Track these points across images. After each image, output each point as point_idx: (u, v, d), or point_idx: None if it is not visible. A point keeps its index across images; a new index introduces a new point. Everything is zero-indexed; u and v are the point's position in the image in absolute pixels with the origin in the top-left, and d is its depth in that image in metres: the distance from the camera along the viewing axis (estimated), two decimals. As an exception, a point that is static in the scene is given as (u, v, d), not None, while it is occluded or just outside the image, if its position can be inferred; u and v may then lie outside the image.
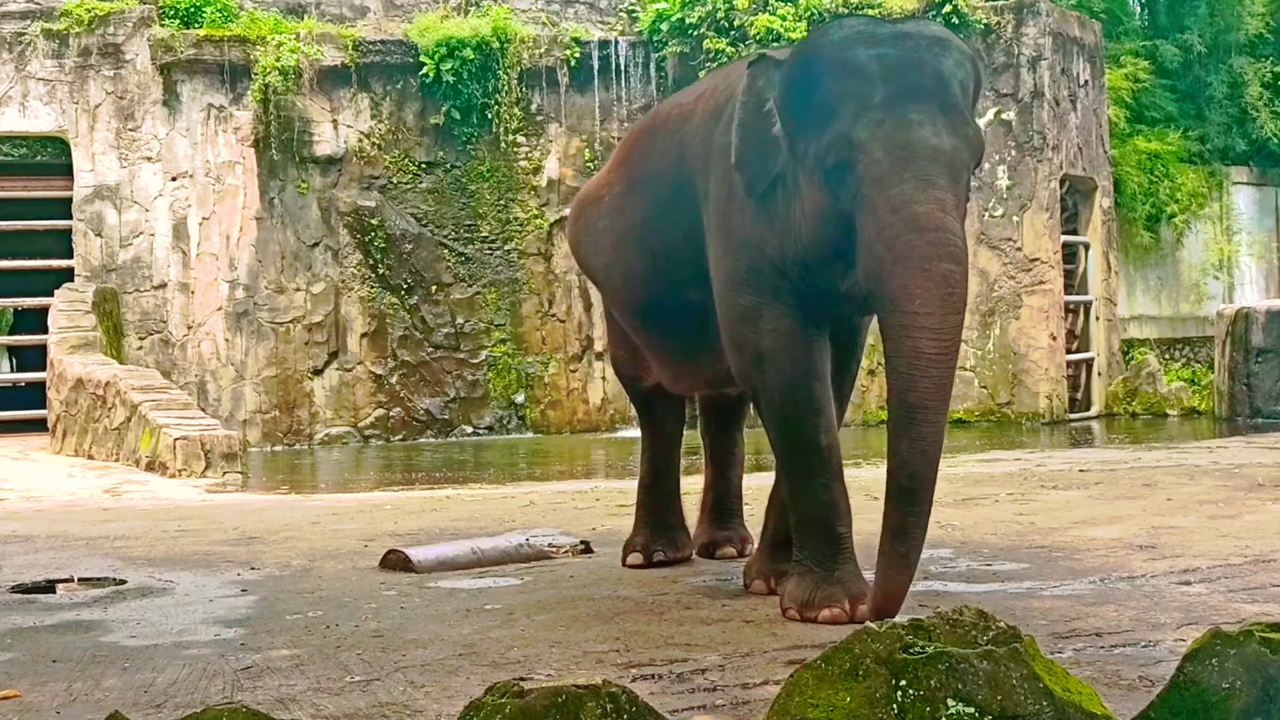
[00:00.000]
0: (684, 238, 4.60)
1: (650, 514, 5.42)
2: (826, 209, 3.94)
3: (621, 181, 5.09)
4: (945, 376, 3.74)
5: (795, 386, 4.23)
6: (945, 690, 2.27)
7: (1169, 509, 6.66)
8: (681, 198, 4.62)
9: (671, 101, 5.15)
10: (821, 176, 3.92)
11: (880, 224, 3.77)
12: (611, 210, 5.09)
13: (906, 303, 3.71)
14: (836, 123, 3.88)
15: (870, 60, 3.90)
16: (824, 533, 4.23)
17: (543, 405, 17.66)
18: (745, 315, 4.29)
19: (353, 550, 6.04)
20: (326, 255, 17.07)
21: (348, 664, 3.73)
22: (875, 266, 3.79)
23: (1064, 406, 16.63)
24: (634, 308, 5.08)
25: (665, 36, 17.93)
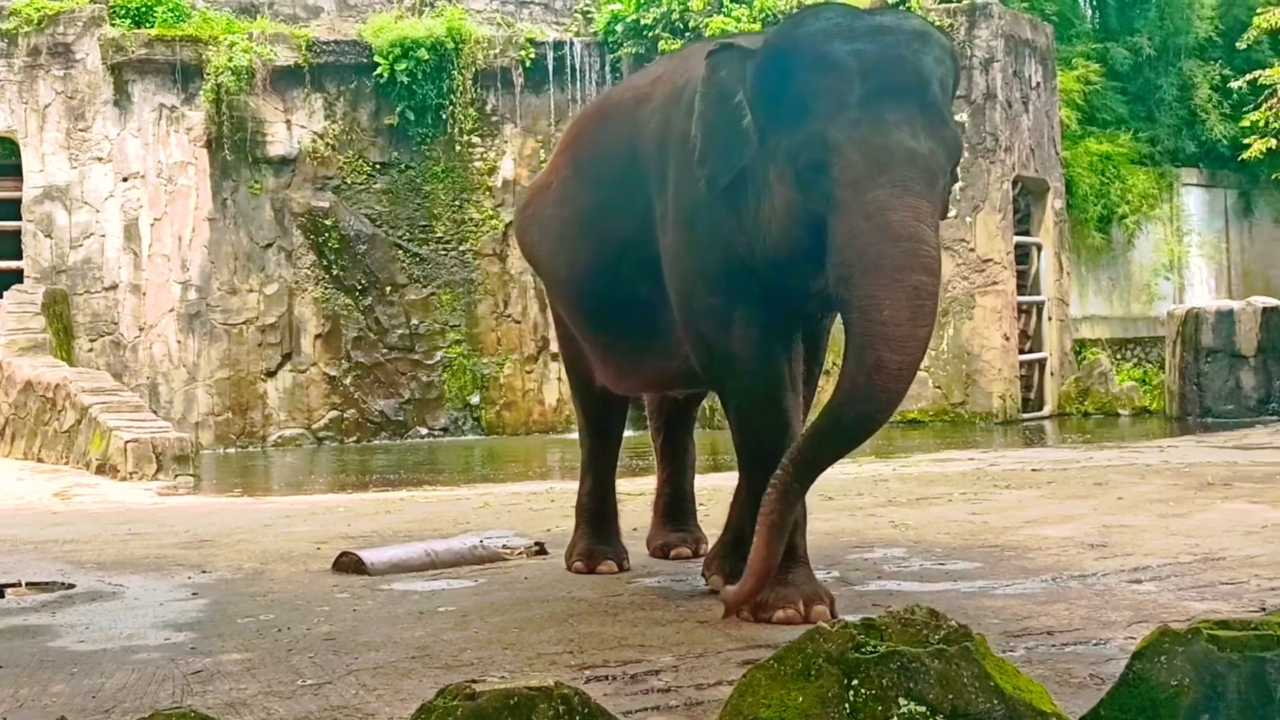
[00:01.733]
0: (635, 227, 4.44)
1: (592, 520, 5.34)
2: (797, 208, 3.82)
3: (568, 167, 4.91)
4: (900, 393, 3.70)
5: (764, 396, 4.16)
6: (897, 689, 2.27)
7: (1120, 508, 6.70)
8: (634, 184, 4.46)
9: (625, 84, 5.01)
10: (794, 175, 3.80)
11: (853, 229, 3.67)
12: (558, 198, 4.90)
13: (875, 312, 3.62)
14: (811, 121, 3.75)
15: (848, 56, 3.76)
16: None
17: (498, 406, 17.63)
18: (714, 316, 4.17)
19: (305, 553, 6.01)
20: (280, 256, 16.98)
21: (299, 667, 3.70)
22: (845, 273, 3.69)
23: (1017, 406, 16.73)
24: (579, 301, 4.90)
25: (620, 38, 17.94)
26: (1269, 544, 5.28)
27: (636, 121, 4.54)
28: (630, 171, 4.50)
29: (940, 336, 16.15)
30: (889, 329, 3.62)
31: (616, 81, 17.71)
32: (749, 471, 4.29)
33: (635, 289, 4.50)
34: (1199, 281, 21.05)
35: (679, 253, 4.26)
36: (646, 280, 4.42)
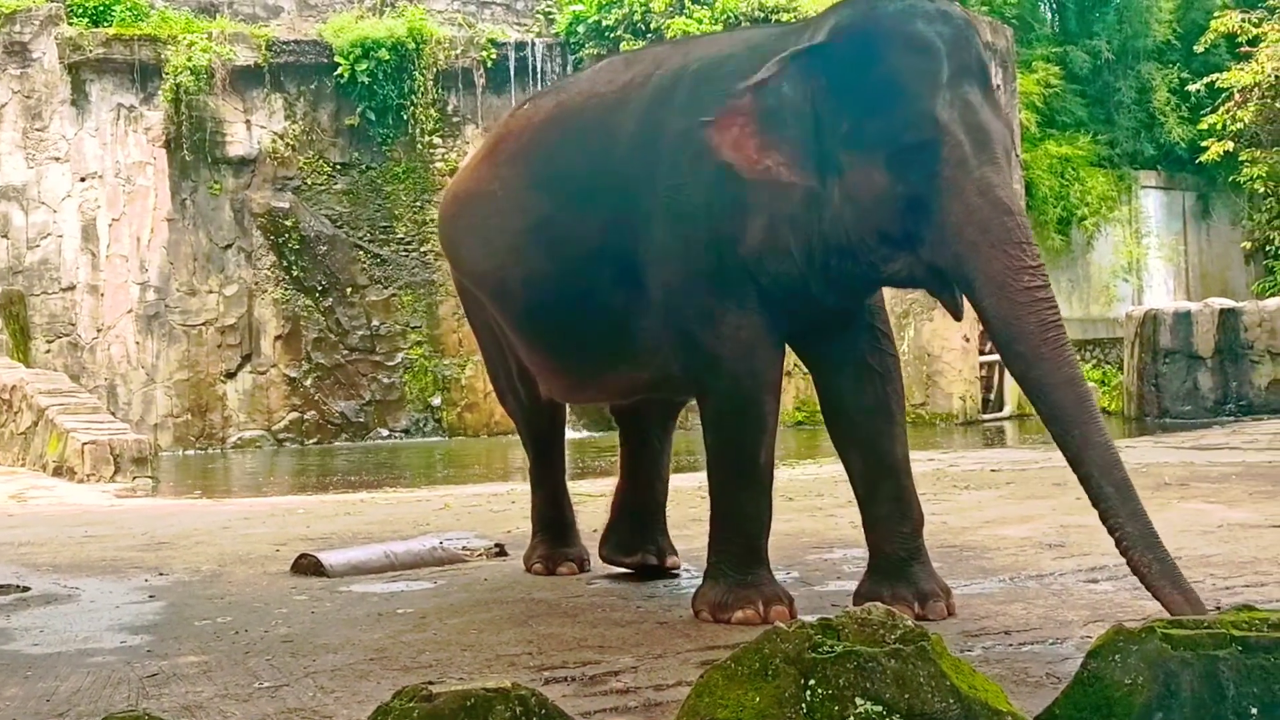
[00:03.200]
0: (609, 235, 4.33)
1: (550, 527, 5.29)
2: (884, 190, 3.77)
3: (519, 177, 4.72)
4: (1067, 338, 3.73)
5: (748, 400, 4.13)
6: (853, 689, 2.28)
7: (1078, 508, 6.69)
8: (607, 191, 4.36)
9: (577, 91, 4.74)
10: (888, 156, 3.75)
11: (969, 207, 3.67)
12: (507, 208, 4.72)
13: (1015, 281, 3.64)
14: (910, 101, 3.73)
15: (934, 37, 3.77)
16: (745, 542, 4.21)
17: (459, 408, 17.59)
18: (704, 316, 4.11)
19: (264, 555, 5.97)
20: (239, 257, 16.90)
21: (256, 670, 3.68)
22: (966, 250, 3.68)
23: (977, 407, 16.80)
24: (533, 315, 4.72)
25: (582, 38, 17.94)
26: (1224, 544, 5.32)
27: (610, 126, 4.42)
28: (603, 178, 4.38)
29: (901, 338, 16.21)
30: (1037, 291, 3.65)
31: (578, 82, 17.68)
32: (719, 474, 4.24)
33: (607, 298, 4.38)
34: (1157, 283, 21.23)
35: (671, 252, 4.18)
36: (621, 288, 4.32)
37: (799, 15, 16.31)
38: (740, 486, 4.20)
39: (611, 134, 4.41)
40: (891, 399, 4.28)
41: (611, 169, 4.36)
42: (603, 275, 4.37)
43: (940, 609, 4.09)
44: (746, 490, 4.20)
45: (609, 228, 4.34)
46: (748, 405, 4.13)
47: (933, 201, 3.72)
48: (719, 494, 4.26)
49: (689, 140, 4.10)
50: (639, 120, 4.33)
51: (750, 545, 4.21)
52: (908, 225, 3.78)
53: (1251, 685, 2.33)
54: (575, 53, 17.98)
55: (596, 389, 4.99)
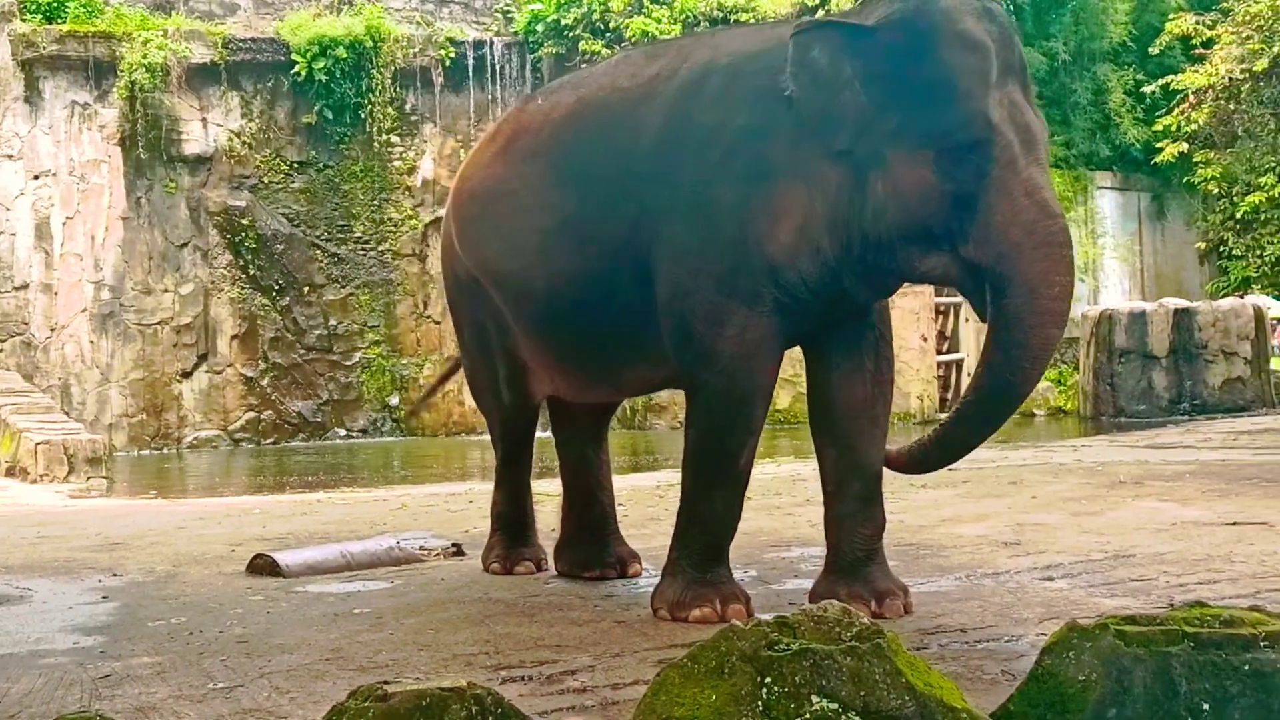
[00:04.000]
0: (630, 231, 4.24)
1: (510, 526, 5.27)
2: (929, 186, 3.75)
3: (542, 174, 4.60)
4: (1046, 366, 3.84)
5: (740, 401, 4.09)
6: (809, 686, 2.28)
7: (1034, 506, 6.78)
8: (631, 186, 4.27)
9: (600, 84, 4.62)
10: (934, 153, 3.73)
11: (1017, 208, 3.68)
12: (533, 206, 4.59)
13: (1047, 289, 3.67)
14: (964, 99, 3.71)
15: (985, 34, 3.76)
16: (710, 540, 4.20)
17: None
18: (710, 313, 4.04)
19: (219, 555, 5.94)
20: (195, 256, 16.80)
21: (211, 670, 3.65)
22: (1009, 249, 3.68)
23: (935, 406, 16.88)
24: (555, 313, 4.60)
25: (541, 37, 17.93)
26: (1178, 541, 5.36)
27: (635, 121, 4.33)
28: (628, 173, 4.30)
29: (859, 337, 16.26)
30: (1059, 303, 3.70)
31: (537, 81, 17.70)
32: (697, 470, 4.21)
33: (630, 295, 4.29)
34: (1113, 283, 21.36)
35: (688, 248, 4.11)
36: (642, 285, 4.24)
37: (757, 15, 16.35)
38: (716, 485, 4.18)
39: (637, 128, 4.32)
40: (879, 402, 4.28)
41: (636, 164, 4.28)
42: (625, 272, 4.28)
43: (897, 607, 4.11)
44: (722, 490, 4.18)
45: (632, 224, 4.25)
46: (739, 406, 4.10)
47: (979, 200, 3.72)
48: (693, 490, 4.23)
49: (720, 135, 4.06)
50: (666, 114, 4.25)
51: (715, 544, 4.20)
52: (951, 223, 3.77)
53: (1203, 681, 2.34)
54: (534, 51, 17.97)
55: (610, 387, 4.96)
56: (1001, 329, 3.75)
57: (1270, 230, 20.12)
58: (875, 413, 4.27)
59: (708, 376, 4.11)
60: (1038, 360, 3.74)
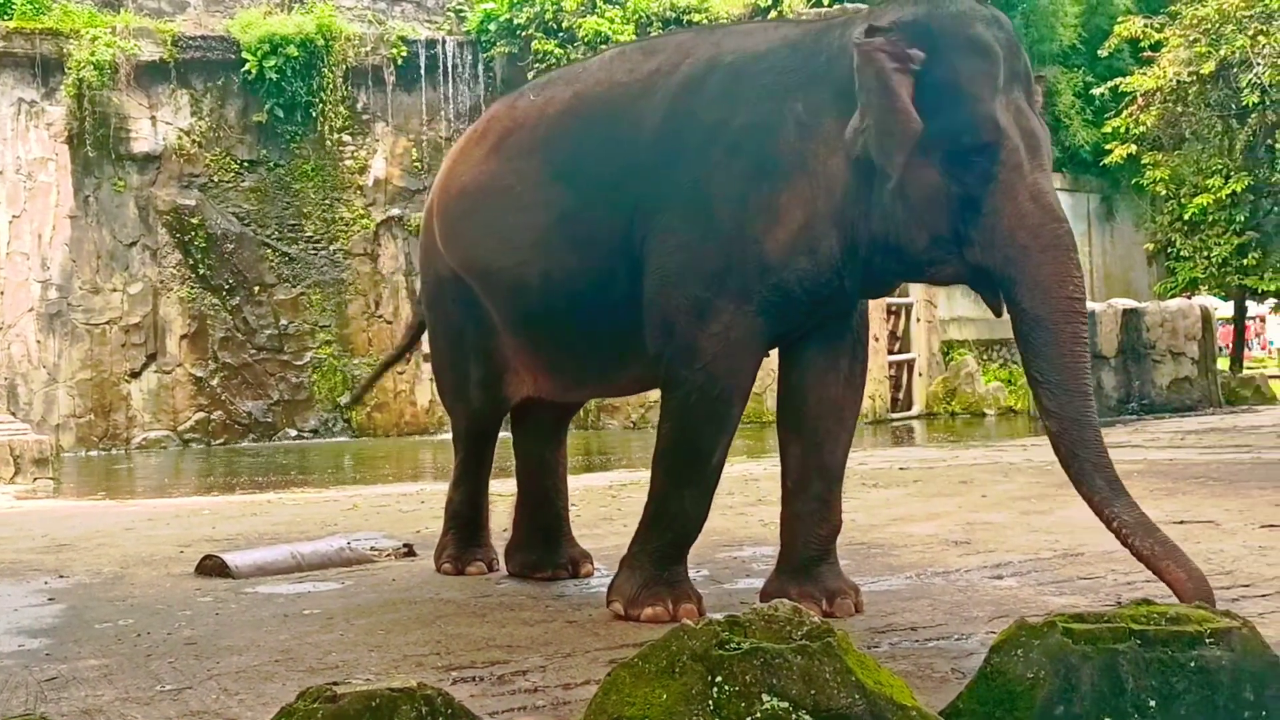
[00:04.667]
0: (627, 226, 4.20)
1: (465, 525, 5.23)
2: (936, 189, 3.77)
3: (538, 170, 4.53)
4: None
5: (718, 400, 4.07)
6: (760, 685, 2.28)
7: (984, 505, 6.82)
8: (629, 182, 4.23)
9: (593, 81, 4.56)
10: (943, 156, 3.75)
11: (1023, 211, 3.70)
12: (530, 203, 4.52)
13: (1060, 288, 3.67)
14: (974, 103, 3.73)
15: (993, 41, 3.79)
16: (675, 538, 4.20)
17: (369, 408, 17.47)
18: (695, 308, 4.02)
19: (168, 556, 5.89)
20: (144, 255, 16.68)
21: (159, 673, 3.63)
22: (1016, 252, 3.69)
23: (886, 406, 16.95)
24: (547, 311, 4.53)
25: (493, 37, 17.89)
26: (1126, 539, 5.40)
27: (635, 115, 4.29)
28: (626, 169, 4.26)
29: (811, 337, 16.31)
30: (1077, 303, 3.69)
31: (489, 81, 17.66)
32: (669, 467, 4.18)
33: (626, 293, 4.24)
34: (1061, 284, 21.45)
35: (681, 243, 4.07)
36: (637, 283, 4.20)
37: (710, 16, 16.38)
38: (687, 483, 4.16)
39: (636, 123, 4.28)
40: (848, 405, 4.29)
41: (635, 159, 4.24)
42: (621, 268, 4.25)
43: (848, 606, 4.12)
44: (693, 488, 4.16)
45: (628, 219, 4.21)
46: (716, 404, 4.08)
47: (986, 203, 3.73)
48: (662, 486, 4.21)
49: (723, 133, 4.05)
50: (667, 110, 4.22)
51: (678, 543, 4.20)
52: (958, 225, 3.78)
53: (1150, 678, 2.36)
54: (486, 50, 17.93)
55: (601, 386, 4.96)
56: (1028, 333, 3.74)
57: (1217, 232, 20.32)
58: (844, 415, 4.29)
59: (687, 373, 4.08)
60: (1075, 348, 3.69)
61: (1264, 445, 10.19)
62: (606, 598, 4.25)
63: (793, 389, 4.30)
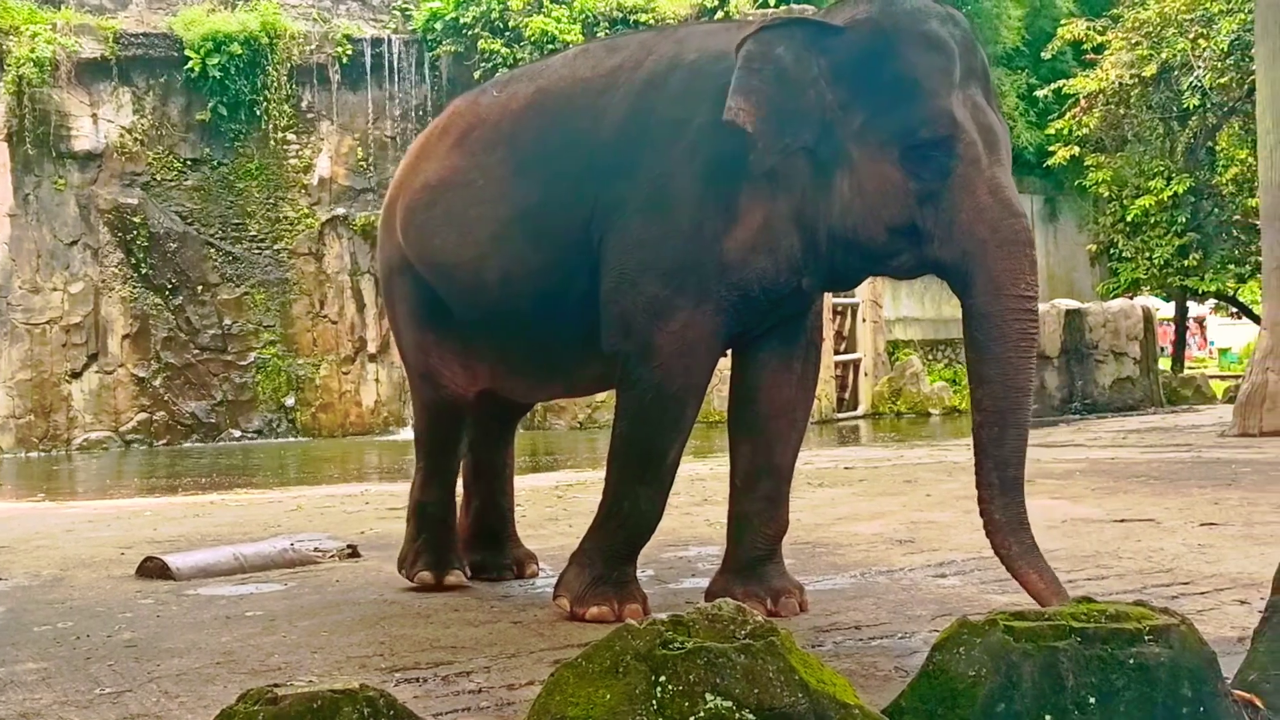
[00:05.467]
0: (588, 222, 4.18)
1: (437, 529, 4.98)
2: (894, 184, 3.76)
3: (503, 164, 4.49)
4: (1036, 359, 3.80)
5: (673, 399, 4.06)
6: (703, 685, 2.28)
7: (928, 504, 6.86)
8: (590, 176, 4.20)
9: (556, 77, 4.53)
10: (899, 151, 3.74)
11: (981, 205, 3.70)
12: (490, 196, 4.47)
13: (1013, 286, 3.68)
14: (930, 98, 3.73)
15: (949, 36, 3.80)
16: (628, 537, 4.18)
17: (314, 408, 17.38)
18: (653, 307, 4.00)
19: (108, 558, 5.83)
20: (85, 254, 16.51)
21: (98, 676, 3.59)
22: (975, 247, 3.70)
23: (832, 406, 17.02)
24: (507, 307, 4.48)
25: (439, 36, 17.83)
26: (1068, 538, 5.45)
27: (597, 111, 4.27)
28: (586, 163, 4.24)
29: (757, 337, 16.35)
30: (1027, 301, 3.70)
31: (435, 80, 17.60)
32: (624, 465, 4.17)
33: (587, 289, 4.22)
34: (1006, 285, 21.62)
35: (641, 240, 4.06)
36: (591, 276, 4.19)
37: (657, 17, 16.40)
38: (642, 482, 4.14)
39: (598, 119, 4.27)
40: (800, 405, 4.30)
41: (596, 155, 4.22)
42: (582, 265, 4.22)
43: (792, 605, 4.13)
44: (648, 486, 4.15)
45: (589, 215, 4.20)
46: (672, 403, 4.07)
47: (944, 198, 3.74)
48: (617, 485, 4.19)
49: (683, 131, 4.04)
50: (629, 106, 4.20)
51: (631, 542, 4.19)
52: (917, 220, 3.78)
53: (1089, 675, 2.38)
54: (432, 50, 17.87)
55: (560, 386, 4.91)
56: (976, 329, 3.75)
57: (1158, 233, 20.53)
58: (795, 416, 4.29)
59: (643, 371, 4.07)
60: (1021, 346, 3.70)
61: (1204, 444, 10.31)
62: (554, 591, 4.24)
63: (746, 389, 4.30)
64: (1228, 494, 6.86)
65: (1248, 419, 10.90)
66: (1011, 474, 3.69)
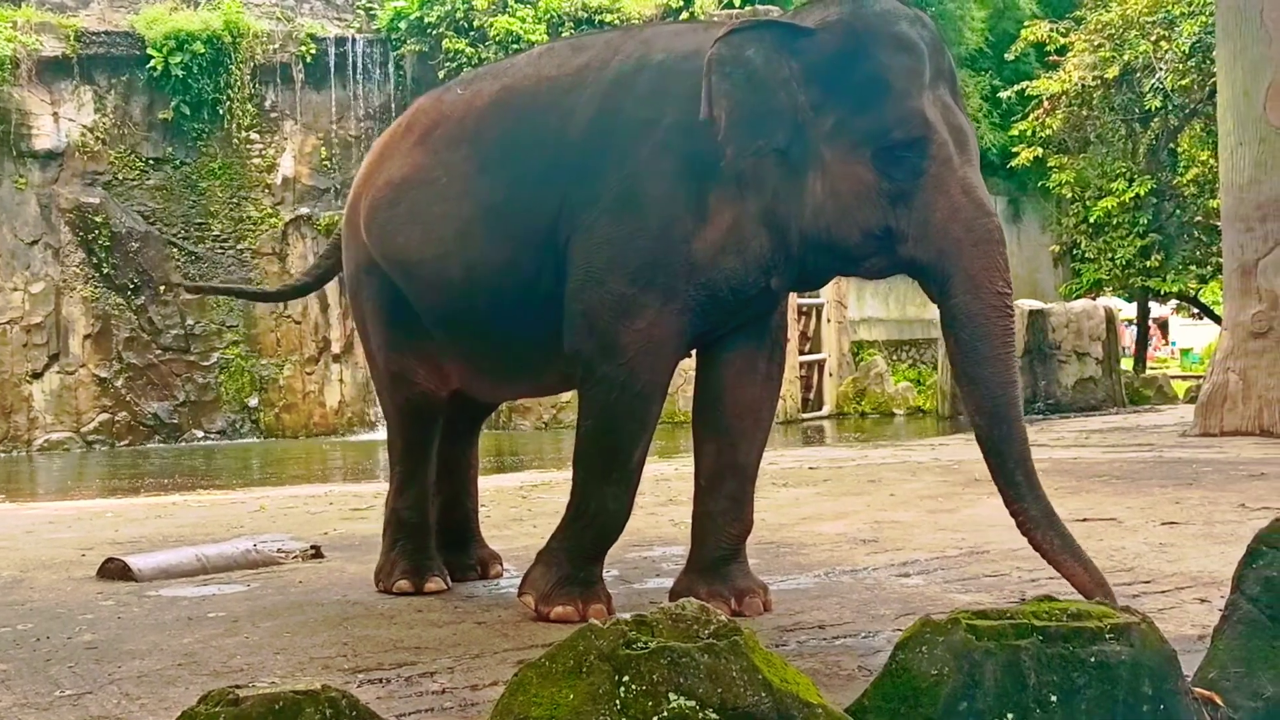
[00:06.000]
0: (554, 221, 4.16)
1: (415, 534, 4.90)
2: (867, 185, 3.78)
3: (468, 162, 4.46)
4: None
5: (639, 397, 4.06)
6: (667, 684, 2.28)
7: (892, 504, 6.88)
8: (556, 175, 4.19)
9: (521, 75, 4.50)
10: (871, 151, 3.76)
11: (955, 205, 3.73)
12: (454, 194, 4.45)
13: (991, 284, 3.71)
14: (902, 99, 3.75)
15: (918, 38, 3.82)
16: (596, 536, 4.18)
17: (277, 409, 17.30)
18: (619, 305, 3.99)
19: (69, 560, 5.79)
20: (47, 254, 16.40)
21: (58, 678, 3.56)
22: (951, 247, 3.72)
23: (797, 406, 17.05)
24: (471, 306, 4.45)
25: (404, 35, 17.78)
26: (1031, 537, 5.47)
27: (565, 110, 4.25)
28: (553, 162, 4.22)
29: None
30: (1005, 298, 3.73)
31: (400, 79, 17.55)
32: (590, 464, 4.16)
33: (552, 287, 4.20)
34: (970, 285, 21.71)
35: (609, 239, 4.04)
36: (556, 275, 4.18)
37: (623, 17, 16.40)
38: (609, 481, 4.14)
39: (565, 118, 4.25)
40: (765, 405, 4.30)
41: (563, 154, 4.21)
42: (547, 263, 4.21)
43: (756, 605, 4.14)
44: (615, 485, 4.15)
45: (555, 214, 4.18)
46: (637, 401, 4.07)
47: (918, 198, 3.76)
48: (584, 484, 4.19)
49: (652, 131, 4.04)
50: (597, 106, 4.19)
51: (599, 541, 4.19)
52: (890, 221, 3.80)
53: (1051, 674, 2.39)
54: (396, 49, 17.82)
55: (527, 384, 4.89)
56: (959, 328, 3.77)
57: (1121, 234, 20.65)
58: (761, 414, 4.30)
59: (608, 369, 4.06)
60: (1007, 342, 3.75)
61: (1165, 444, 10.37)
62: (519, 589, 4.23)
63: (711, 388, 4.31)
64: (1189, 493, 6.91)
65: (1209, 419, 10.98)
66: (1030, 468, 3.73)
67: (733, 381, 4.26)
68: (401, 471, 4.94)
